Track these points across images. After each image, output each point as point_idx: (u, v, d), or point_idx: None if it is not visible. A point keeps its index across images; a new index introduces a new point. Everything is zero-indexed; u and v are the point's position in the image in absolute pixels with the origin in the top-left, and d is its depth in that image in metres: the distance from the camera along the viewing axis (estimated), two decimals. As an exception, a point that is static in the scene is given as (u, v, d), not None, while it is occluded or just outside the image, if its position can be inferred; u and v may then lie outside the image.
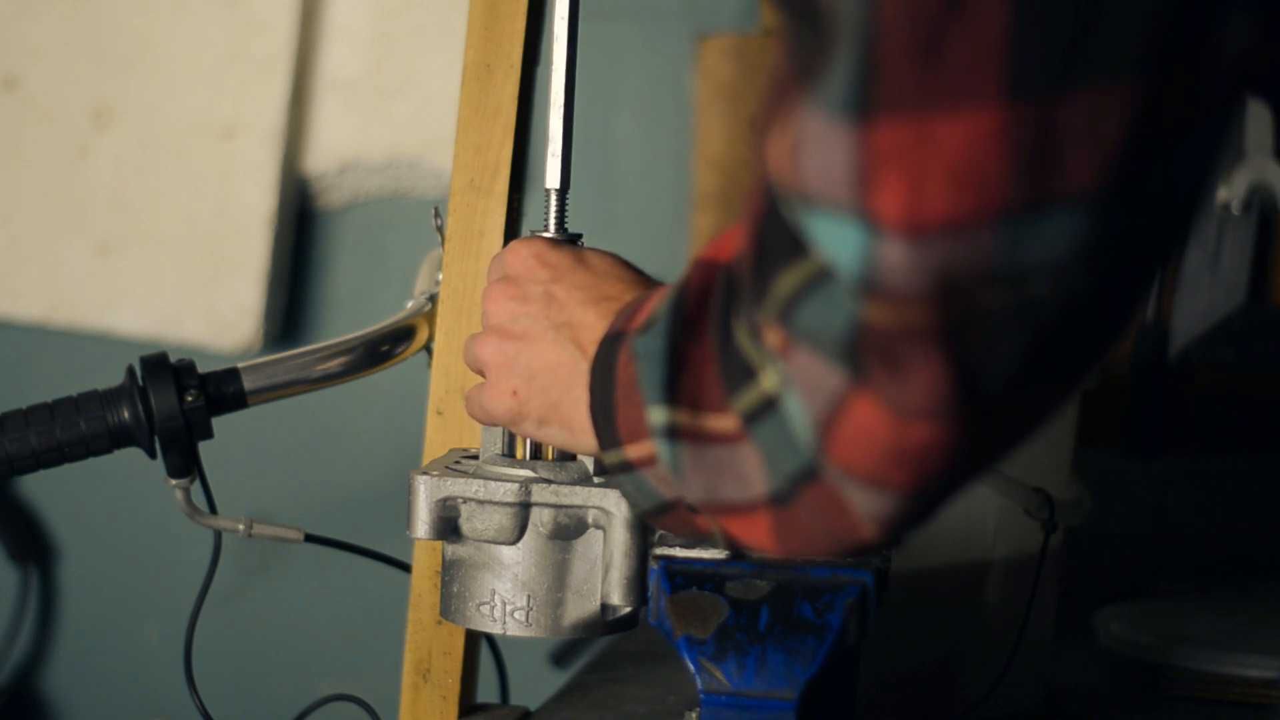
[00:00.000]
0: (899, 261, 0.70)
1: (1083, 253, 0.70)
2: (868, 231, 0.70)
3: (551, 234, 1.09)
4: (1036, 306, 0.71)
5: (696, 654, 1.01)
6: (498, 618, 1.09)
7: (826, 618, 1.01)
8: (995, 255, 0.70)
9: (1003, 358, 0.72)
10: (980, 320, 0.71)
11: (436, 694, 1.26)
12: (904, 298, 0.71)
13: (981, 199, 0.69)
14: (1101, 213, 0.70)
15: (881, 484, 0.78)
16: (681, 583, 1.03)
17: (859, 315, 0.72)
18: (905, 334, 0.72)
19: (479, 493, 1.08)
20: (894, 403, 0.74)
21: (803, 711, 1.01)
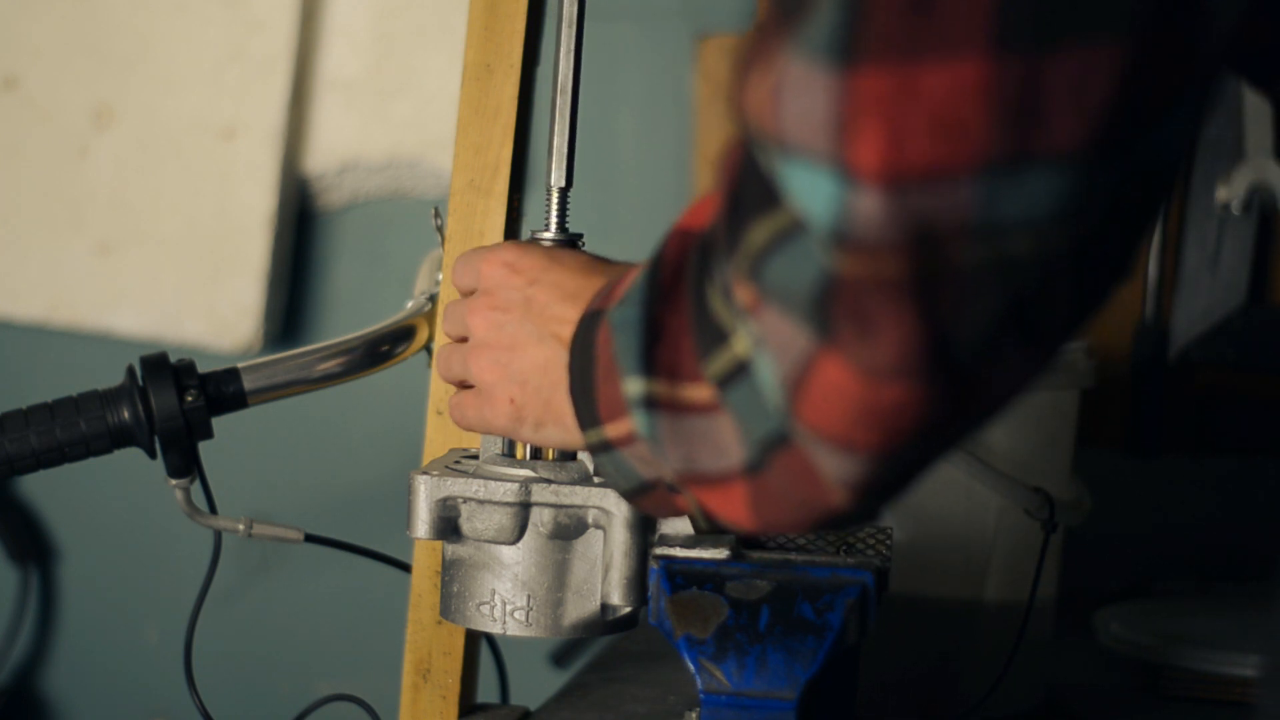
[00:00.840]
0: (872, 212, 0.69)
1: (1063, 212, 0.70)
2: (842, 181, 0.70)
3: (553, 234, 1.09)
4: (1013, 266, 0.71)
5: (696, 654, 1.01)
6: (498, 618, 1.09)
7: (826, 618, 1.01)
8: (972, 208, 0.69)
9: (976, 318, 0.72)
10: (954, 276, 0.71)
11: (436, 694, 1.26)
12: (875, 248, 0.70)
13: (960, 149, 0.68)
14: (1084, 173, 0.69)
15: (850, 446, 0.77)
16: (681, 583, 1.03)
17: (829, 268, 0.72)
18: (875, 287, 0.71)
19: (479, 493, 1.08)
20: (863, 362, 0.73)
21: (803, 711, 1.01)
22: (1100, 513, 1.43)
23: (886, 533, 1.14)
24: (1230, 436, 1.80)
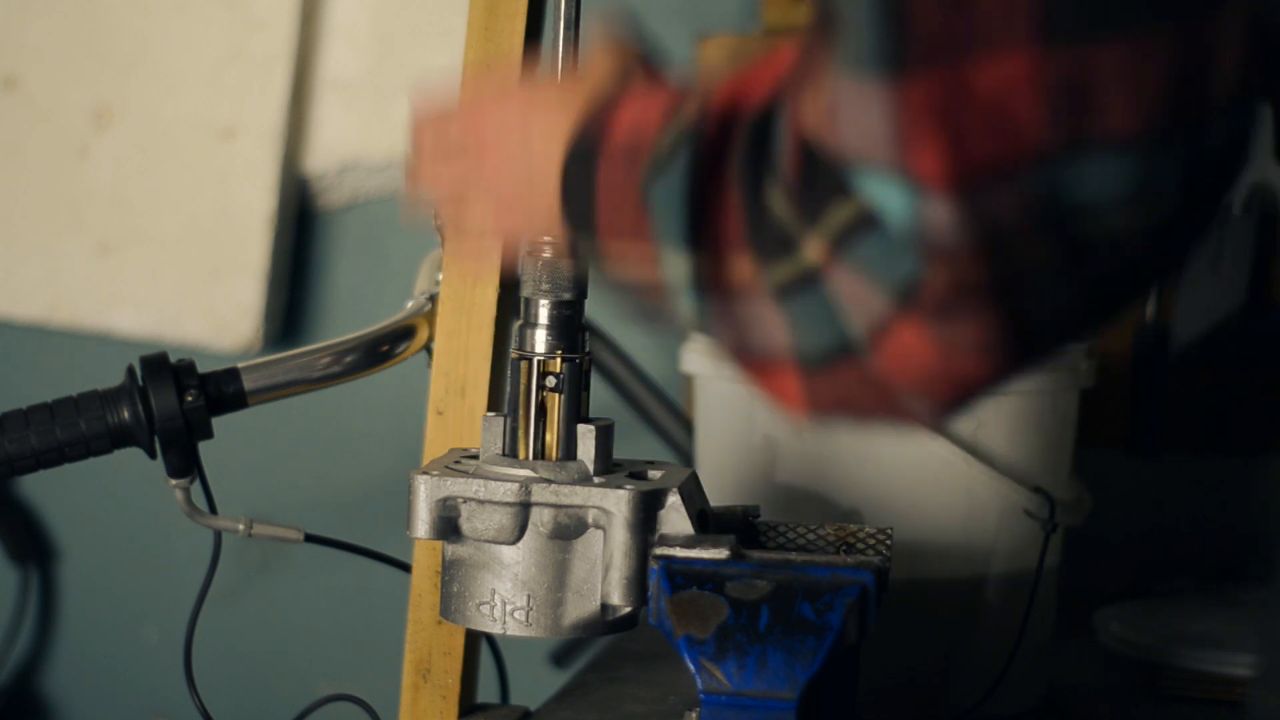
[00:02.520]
0: (945, 218, 0.70)
1: (1128, 196, 0.70)
2: (913, 191, 0.70)
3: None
4: (1085, 251, 0.72)
5: (696, 654, 1.01)
6: (498, 618, 1.09)
7: (826, 618, 1.01)
8: (1036, 199, 0.70)
9: (1056, 304, 0.73)
10: (1030, 272, 0.72)
11: (436, 694, 1.27)
12: (954, 254, 0.71)
13: (1017, 143, 0.69)
14: (1144, 157, 0.70)
15: (924, 395, 0.78)
16: (681, 583, 1.03)
17: (919, 272, 0.73)
18: (957, 288, 0.72)
19: (479, 492, 1.08)
20: (944, 338, 0.75)
21: (803, 711, 1.01)
22: (1100, 513, 1.43)
23: (886, 533, 1.14)
24: (1230, 436, 1.80)
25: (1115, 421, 1.76)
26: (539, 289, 1.10)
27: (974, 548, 1.32)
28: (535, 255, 1.10)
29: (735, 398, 1.36)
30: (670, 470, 1.12)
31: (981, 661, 1.32)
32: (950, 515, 1.31)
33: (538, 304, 1.10)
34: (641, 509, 1.07)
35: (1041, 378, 1.33)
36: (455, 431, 1.25)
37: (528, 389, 1.09)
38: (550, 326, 1.10)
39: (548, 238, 1.07)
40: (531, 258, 1.10)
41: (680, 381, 1.85)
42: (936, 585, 1.32)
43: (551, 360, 1.09)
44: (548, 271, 1.10)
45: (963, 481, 1.30)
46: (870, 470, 1.30)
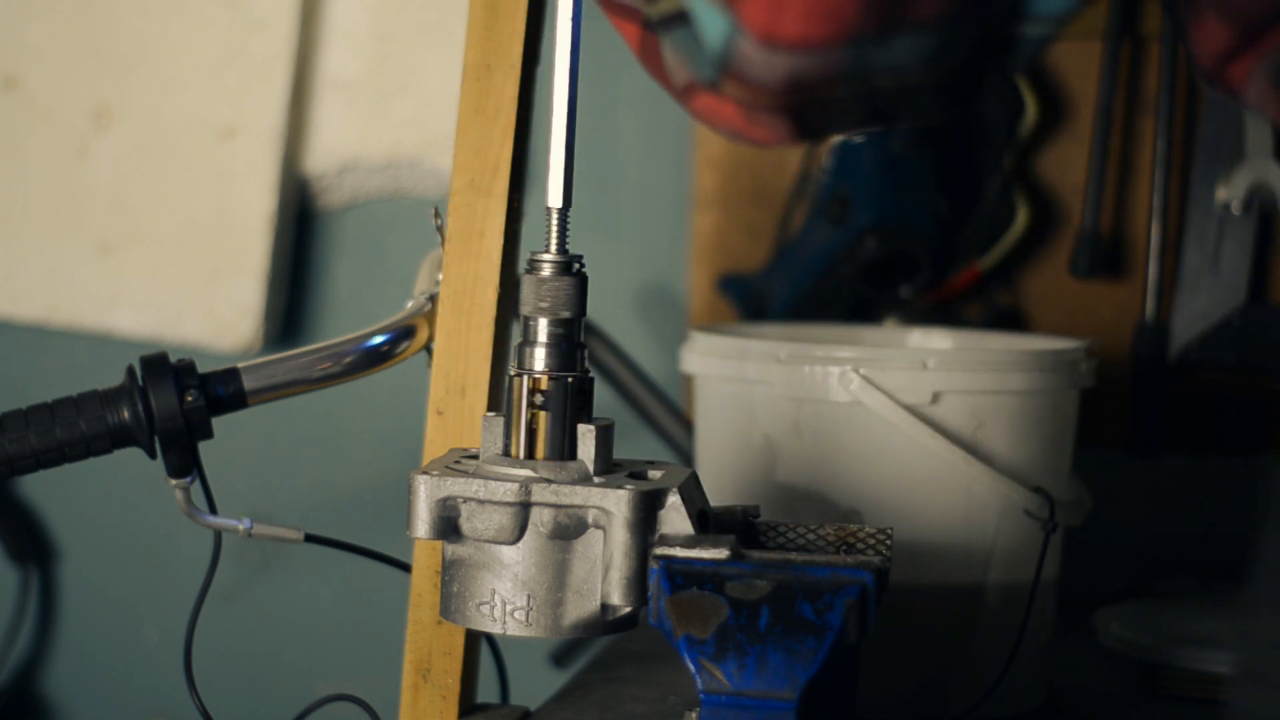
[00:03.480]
0: (755, 58, 0.81)
1: (924, 61, 0.82)
2: (731, 24, 0.81)
3: (552, 255, 1.10)
4: (877, 93, 0.83)
5: (696, 654, 1.01)
6: (498, 618, 1.09)
7: (826, 618, 1.01)
8: (843, 66, 0.81)
9: (841, 121, 0.86)
10: (825, 103, 0.84)
11: (436, 694, 1.27)
12: (756, 85, 0.82)
13: (834, 28, 0.80)
14: (941, 33, 0.81)
15: (734, 137, 0.92)
16: (681, 583, 1.03)
17: (717, 83, 0.85)
18: (755, 105, 0.84)
19: (479, 492, 1.08)
20: (744, 108, 0.87)
21: (803, 711, 1.01)
22: (1100, 513, 1.43)
23: (886, 533, 1.14)
24: (1230, 436, 1.80)
25: (1115, 421, 1.76)
26: (538, 308, 1.10)
27: (974, 548, 1.32)
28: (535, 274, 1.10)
29: (735, 398, 1.36)
30: (670, 470, 1.12)
31: (981, 661, 1.32)
32: (950, 515, 1.31)
33: (537, 322, 1.10)
34: (641, 509, 1.07)
35: (1041, 377, 1.33)
36: (455, 431, 1.25)
37: (518, 406, 1.10)
38: (547, 345, 1.10)
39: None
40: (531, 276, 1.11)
41: (680, 381, 1.85)
42: (936, 585, 1.32)
43: (541, 378, 1.10)
44: (547, 290, 1.10)
45: (963, 481, 1.30)
46: (870, 470, 1.30)
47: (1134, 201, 1.80)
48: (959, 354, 1.32)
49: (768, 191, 1.85)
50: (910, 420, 1.29)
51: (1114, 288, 1.81)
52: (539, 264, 1.10)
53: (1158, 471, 1.80)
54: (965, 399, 1.30)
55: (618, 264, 1.94)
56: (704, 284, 1.87)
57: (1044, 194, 1.82)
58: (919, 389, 1.30)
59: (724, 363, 1.36)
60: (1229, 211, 1.73)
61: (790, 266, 1.79)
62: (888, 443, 1.30)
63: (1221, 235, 1.73)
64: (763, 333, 1.51)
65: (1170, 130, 1.75)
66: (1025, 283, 1.82)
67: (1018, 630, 1.31)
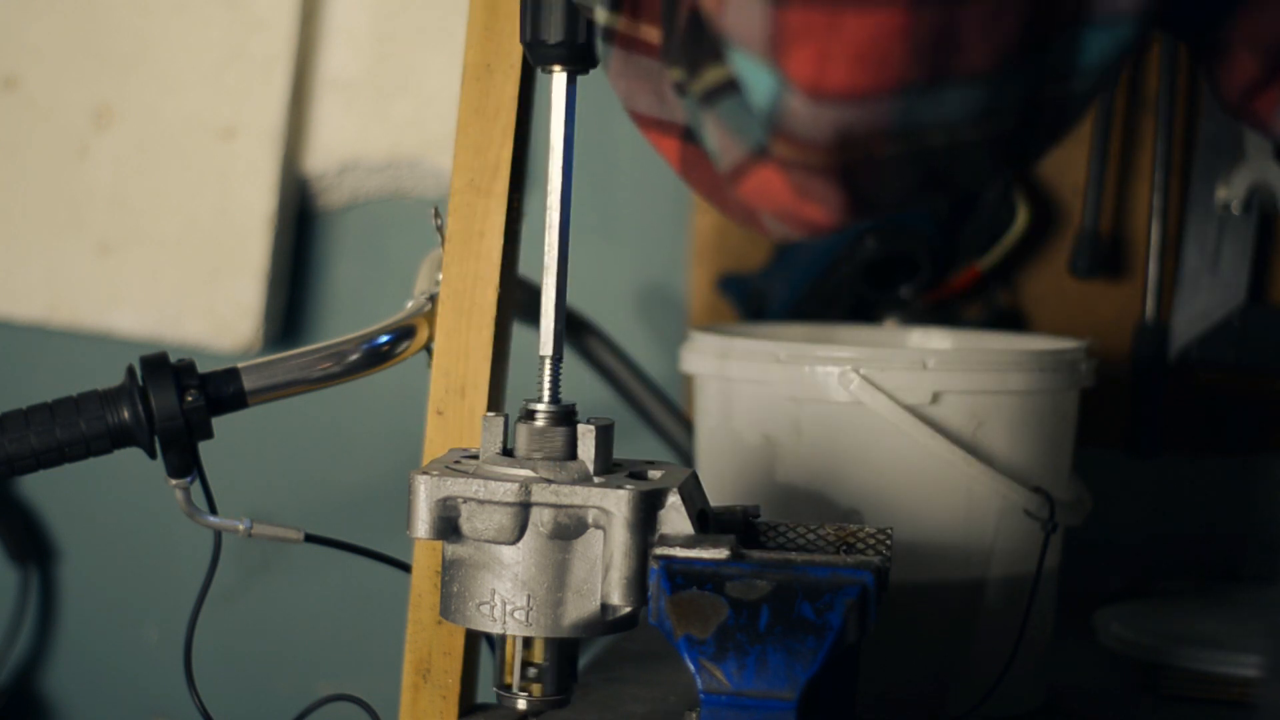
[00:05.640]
0: (803, 113, 0.80)
1: (977, 116, 0.81)
2: (779, 81, 0.80)
3: (545, 405, 1.10)
4: (930, 153, 0.82)
5: (696, 654, 1.01)
6: (498, 617, 1.09)
7: (826, 618, 1.01)
8: (892, 119, 0.80)
9: (894, 188, 0.84)
10: (875, 163, 0.82)
11: (436, 694, 1.27)
12: (805, 143, 0.81)
13: (881, 77, 0.78)
14: (993, 86, 0.80)
15: (782, 224, 0.90)
16: (681, 583, 1.03)
17: (767, 145, 0.83)
18: (806, 168, 0.83)
19: (479, 492, 1.08)
20: (795, 183, 0.85)
21: (803, 711, 1.01)
22: (1100, 513, 1.43)
23: (886, 533, 1.14)
24: (1230, 436, 1.80)
25: (1115, 421, 1.76)
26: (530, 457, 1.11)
27: (973, 548, 1.32)
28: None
29: (735, 398, 1.36)
30: (670, 470, 1.12)
31: (981, 662, 1.32)
32: (950, 515, 1.31)
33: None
34: (641, 509, 1.07)
35: (1041, 377, 1.33)
36: (455, 431, 1.25)
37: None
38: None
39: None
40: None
41: (680, 381, 1.85)
42: (936, 585, 1.32)
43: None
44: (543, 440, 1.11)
45: (963, 481, 1.30)
46: (870, 470, 1.30)
47: (1134, 201, 1.80)
48: (959, 354, 1.32)
49: (768, 191, 1.85)
50: (910, 420, 1.29)
51: (1114, 288, 1.81)
52: (534, 413, 1.11)
53: (1158, 471, 1.80)
54: (965, 399, 1.30)
55: (618, 264, 1.94)
56: (704, 284, 1.87)
57: (1044, 194, 1.82)
58: (919, 389, 1.30)
59: (724, 363, 1.36)
60: (1229, 211, 1.73)
61: (790, 266, 1.79)
62: (888, 443, 1.30)
63: (1221, 235, 1.73)
64: (763, 333, 1.51)
65: (1170, 130, 1.75)
66: (1025, 283, 1.82)
67: (1018, 630, 1.31)
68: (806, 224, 0.88)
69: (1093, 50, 0.82)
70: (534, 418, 1.11)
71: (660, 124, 0.99)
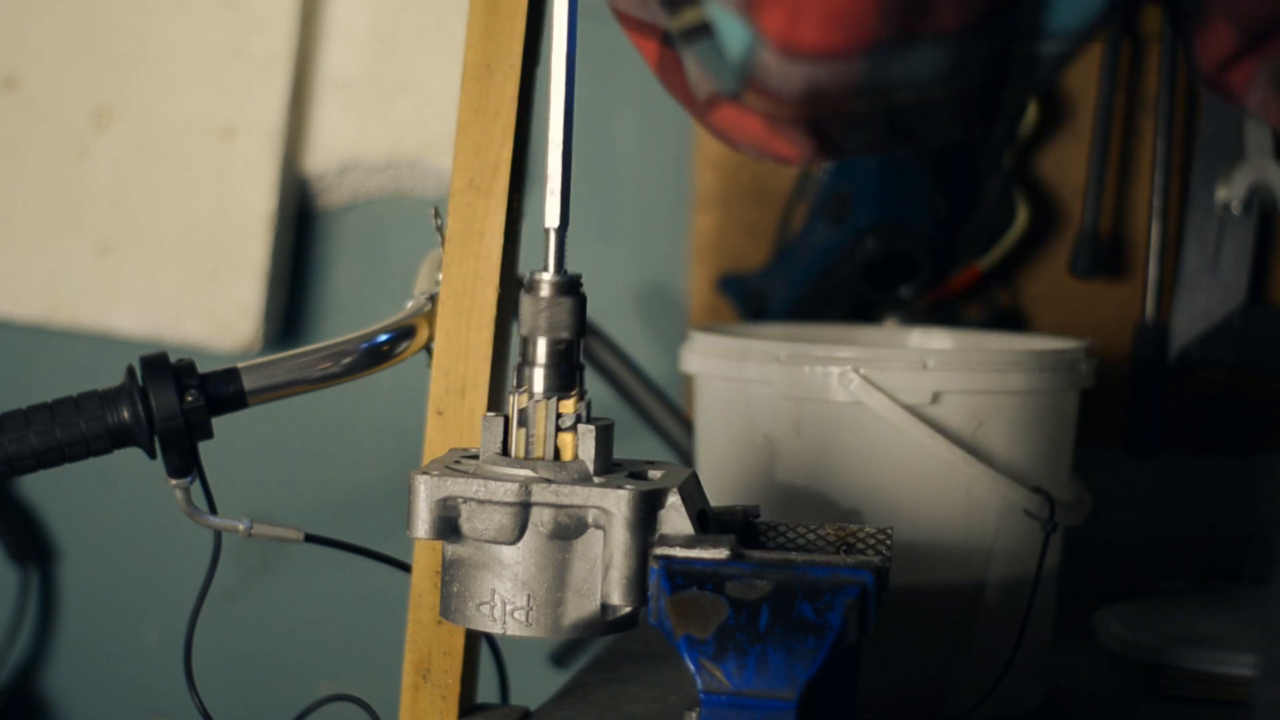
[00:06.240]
0: (774, 68, 0.81)
1: (944, 74, 0.82)
2: (752, 34, 0.81)
3: (550, 275, 1.10)
4: (897, 109, 0.84)
5: (696, 654, 1.01)
6: (498, 618, 1.09)
7: (826, 617, 1.01)
8: (861, 78, 0.81)
9: (861, 137, 0.86)
10: (844, 117, 0.84)
11: (436, 694, 1.27)
12: (776, 95, 0.83)
13: (852, 36, 0.80)
14: (960, 45, 0.81)
15: (755, 153, 0.92)
16: (681, 583, 1.03)
17: (739, 93, 0.85)
18: (776, 117, 0.85)
19: (479, 492, 1.08)
20: (767, 119, 0.87)
21: (803, 711, 1.01)
22: (1100, 513, 1.43)
23: (886, 533, 1.14)
24: (1230, 436, 1.80)
25: (1115, 421, 1.76)
26: (535, 328, 1.11)
27: (973, 548, 1.32)
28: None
29: (735, 398, 1.36)
30: (670, 470, 1.12)
31: (981, 662, 1.32)
32: (950, 515, 1.31)
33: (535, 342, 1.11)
34: (641, 509, 1.07)
35: (1041, 377, 1.33)
36: (455, 431, 1.25)
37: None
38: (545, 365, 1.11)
39: None
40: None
41: (680, 381, 1.85)
42: (936, 586, 1.32)
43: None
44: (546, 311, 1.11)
45: (963, 481, 1.30)
46: (870, 470, 1.30)
47: (1134, 201, 1.80)
48: (959, 354, 1.32)
49: (768, 191, 1.85)
50: (910, 420, 1.29)
51: (1114, 288, 1.81)
52: (539, 283, 1.10)
53: (1158, 471, 1.80)
54: (965, 399, 1.30)
55: (618, 264, 1.94)
56: (704, 284, 1.87)
57: (1044, 194, 1.82)
58: (919, 389, 1.30)
59: (724, 363, 1.36)
60: (1229, 211, 1.73)
61: (790, 266, 1.79)
62: (888, 443, 1.30)
63: (1221, 235, 1.73)
64: (763, 333, 1.51)
65: (1170, 130, 1.75)
66: (1025, 283, 1.82)
67: (1018, 630, 1.31)
68: (777, 156, 0.90)
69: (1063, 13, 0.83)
70: (539, 289, 1.11)
71: (641, 25, 0.99)
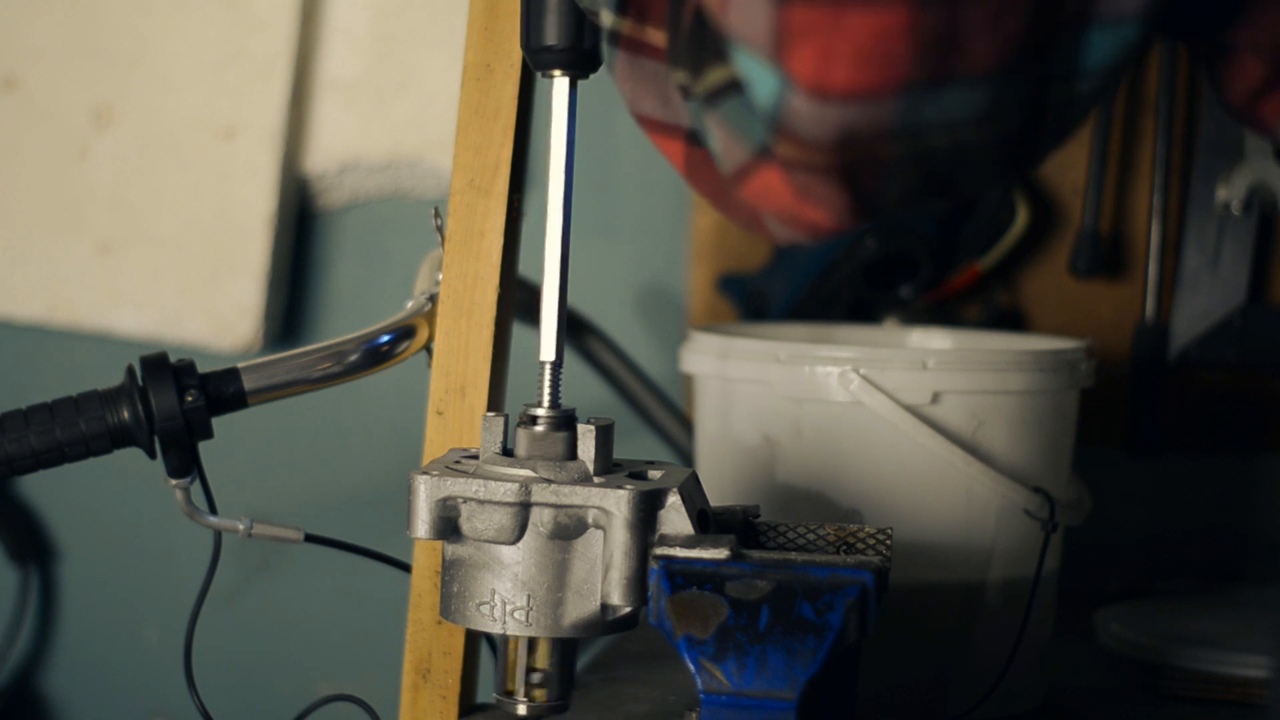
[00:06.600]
0: (806, 112, 0.80)
1: (979, 116, 0.81)
2: (781, 79, 0.80)
3: (545, 410, 1.10)
4: (932, 154, 0.82)
5: (696, 654, 1.01)
6: (498, 617, 1.09)
7: (826, 618, 1.01)
8: (895, 119, 0.80)
9: (896, 189, 0.84)
10: (878, 164, 0.82)
11: (436, 694, 1.27)
12: (808, 142, 0.81)
13: (884, 77, 0.78)
14: (996, 87, 0.80)
15: (785, 226, 0.90)
16: (681, 583, 1.03)
17: (770, 145, 0.84)
18: (808, 168, 0.83)
19: (479, 492, 1.08)
20: (798, 185, 0.85)
21: (803, 711, 1.01)
22: (1100, 513, 1.43)
23: (886, 533, 1.14)
24: (1230, 436, 1.80)
25: (1115, 421, 1.76)
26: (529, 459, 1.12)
27: (973, 548, 1.32)
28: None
29: (735, 398, 1.36)
30: (670, 470, 1.12)
31: (981, 662, 1.32)
32: (950, 515, 1.31)
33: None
34: (641, 509, 1.07)
35: (1041, 377, 1.33)
36: (455, 431, 1.25)
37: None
38: None
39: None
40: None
41: (680, 381, 1.85)
42: (936, 586, 1.32)
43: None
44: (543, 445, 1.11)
45: (963, 481, 1.30)
46: (870, 470, 1.30)
47: (1134, 201, 1.80)
48: (959, 354, 1.32)
49: (768, 191, 1.85)
50: (910, 420, 1.29)
51: (1114, 288, 1.81)
52: (534, 418, 1.11)
53: (1158, 471, 1.80)
54: (965, 399, 1.30)
55: (618, 264, 1.94)
56: (704, 284, 1.87)
57: (1044, 194, 1.82)
58: (919, 389, 1.30)
59: (724, 363, 1.36)
60: (1229, 211, 1.73)
61: (790, 266, 1.79)
62: (888, 443, 1.30)
63: (1221, 235, 1.73)
64: (763, 333, 1.51)
65: (1170, 130, 1.75)
66: (1025, 283, 1.82)
67: (1018, 630, 1.31)
68: (808, 226, 0.88)
69: (1097, 51, 0.82)
70: (535, 423, 1.11)
71: (665, 127, 0.99)
